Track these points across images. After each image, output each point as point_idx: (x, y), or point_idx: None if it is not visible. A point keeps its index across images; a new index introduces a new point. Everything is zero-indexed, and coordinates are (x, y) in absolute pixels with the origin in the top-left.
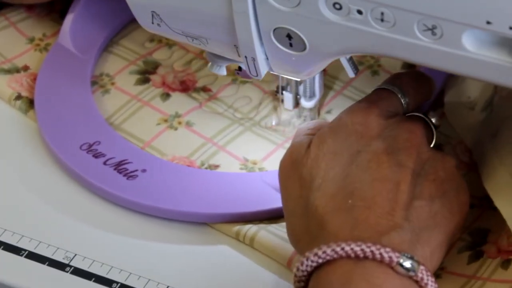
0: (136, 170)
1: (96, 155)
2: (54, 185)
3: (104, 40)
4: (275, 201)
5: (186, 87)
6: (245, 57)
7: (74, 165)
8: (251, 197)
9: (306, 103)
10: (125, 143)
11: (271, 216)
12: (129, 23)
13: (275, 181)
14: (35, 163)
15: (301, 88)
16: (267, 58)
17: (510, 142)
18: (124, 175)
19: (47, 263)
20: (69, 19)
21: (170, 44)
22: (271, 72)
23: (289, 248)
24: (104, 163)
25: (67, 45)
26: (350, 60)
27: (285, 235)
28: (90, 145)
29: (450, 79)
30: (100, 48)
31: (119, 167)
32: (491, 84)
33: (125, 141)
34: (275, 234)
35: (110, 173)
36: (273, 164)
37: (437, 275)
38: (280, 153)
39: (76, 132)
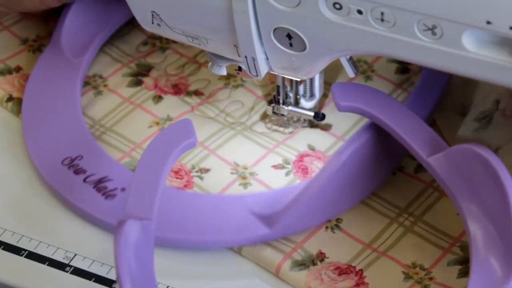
0: (115, 189)
1: (77, 171)
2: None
3: (98, 42)
4: (257, 229)
5: (178, 90)
6: (245, 57)
7: (55, 182)
8: (233, 225)
9: (306, 103)
10: (107, 158)
11: (252, 244)
12: (123, 25)
13: (260, 208)
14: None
15: (301, 88)
16: (267, 58)
17: None
18: (103, 194)
19: (47, 263)
20: (62, 19)
21: (163, 48)
22: (272, 72)
23: (277, 256)
24: (84, 180)
25: (60, 47)
26: (350, 60)
27: (274, 242)
28: (72, 160)
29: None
30: (93, 51)
31: (99, 185)
32: (491, 96)
33: (107, 155)
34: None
35: (89, 191)
36: (263, 169)
37: (426, 285)
38: (271, 158)
39: (59, 144)
